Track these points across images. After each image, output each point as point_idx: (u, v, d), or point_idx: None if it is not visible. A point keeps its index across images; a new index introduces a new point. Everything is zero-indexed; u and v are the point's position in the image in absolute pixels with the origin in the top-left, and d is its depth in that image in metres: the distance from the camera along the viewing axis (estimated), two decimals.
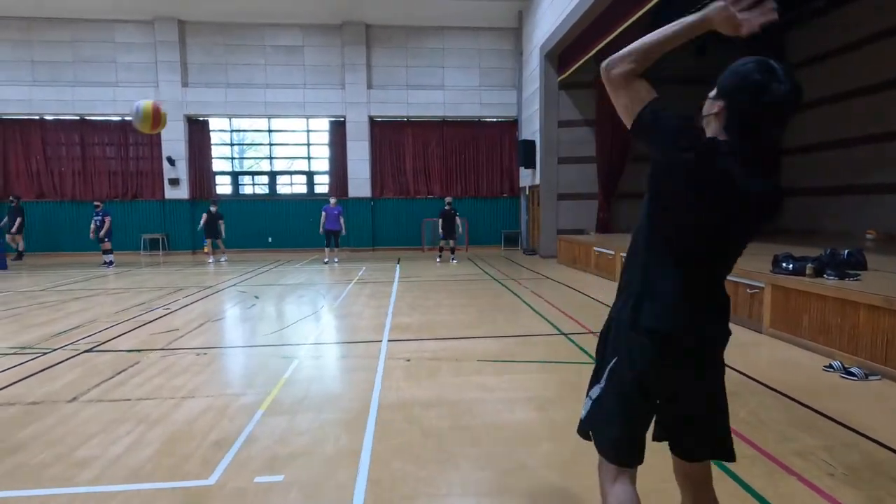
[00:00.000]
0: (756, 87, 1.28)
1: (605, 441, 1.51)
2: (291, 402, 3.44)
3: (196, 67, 14.97)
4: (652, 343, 1.38)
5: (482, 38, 15.56)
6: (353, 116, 15.31)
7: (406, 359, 4.38)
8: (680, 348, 1.38)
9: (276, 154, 16.14)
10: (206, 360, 4.44)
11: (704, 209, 1.35)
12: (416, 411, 3.26)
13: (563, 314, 6.14)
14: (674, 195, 1.42)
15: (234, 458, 2.68)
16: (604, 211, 12.44)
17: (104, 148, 15.06)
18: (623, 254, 8.50)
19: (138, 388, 3.75)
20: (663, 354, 1.38)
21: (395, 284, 8.73)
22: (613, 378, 1.47)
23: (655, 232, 1.46)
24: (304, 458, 2.66)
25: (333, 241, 12.12)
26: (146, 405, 3.41)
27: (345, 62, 15.17)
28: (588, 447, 2.76)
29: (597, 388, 1.53)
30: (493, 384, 3.75)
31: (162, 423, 3.12)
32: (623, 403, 1.45)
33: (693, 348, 1.40)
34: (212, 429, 3.03)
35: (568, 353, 4.56)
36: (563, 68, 12.01)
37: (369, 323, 5.80)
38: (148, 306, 6.93)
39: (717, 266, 1.45)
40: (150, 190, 15.24)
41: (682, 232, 1.41)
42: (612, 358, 1.48)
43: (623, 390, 1.44)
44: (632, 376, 1.42)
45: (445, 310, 6.50)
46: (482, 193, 15.99)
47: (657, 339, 1.37)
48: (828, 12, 10.67)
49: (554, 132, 12.58)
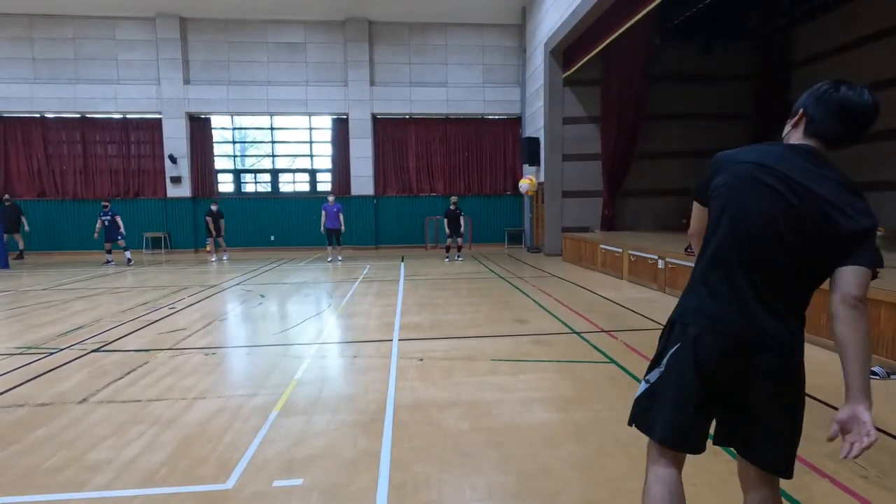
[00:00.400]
0: (825, 92, 1.42)
1: (651, 419, 1.53)
2: (305, 402, 3.38)
3: (198, 64, 14.88)
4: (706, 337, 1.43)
5: (486, 35, 15.48)
6: (356, 114, 15.23)
7: (419, 358, 4.32)
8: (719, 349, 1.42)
9: (279, 152, 16.06)
10: (215, 359, 4.38)
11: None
12: (434, 412, 3.20)
13: (574, 312, 6.08)
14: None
15: (250, 460, 2.62)
16: (609, 208, 12.38)
17: (105, 146, 14.97)
18: (631, 251, 8.44)
19: (148, 388, 3.68)
20: (715, 351, 1.42)
21: (400, 283, 8.67)
22: (673, 363, 1.49)
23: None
24: (323, 461, 2.60)
25: (335, 239, 12.05)
26: (157, 406, 3.35)
27: (348, 59, 15.08)
28: (614, 449, 2.71)
29: (655, 372, 1.55)
30: (509, 384, 3.69)
31: (175, 425, 3.05)
32: (675, 389, 1.48)
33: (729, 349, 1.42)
34: (226, 430, 2.97)
35: (583, 352, 4.50)
36: (568, 65, 11.92)
37: (378, 322, 5.74)
38: (152, 305, 6.86)
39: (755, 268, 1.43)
40: (151, 188, 15.16)
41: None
42: (674, 344, 1.50)
43: (678, 377, 1.47)
44: (689, 364, 1.45)
45: (454, 308, 6.44)
46: (486, 191, 15.92)
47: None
48: (833, 8, 10.58)
49: (558, 129, 12.50)
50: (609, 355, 4.34)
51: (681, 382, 1.46)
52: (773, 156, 1.42)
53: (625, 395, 3.44)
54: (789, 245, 1.36)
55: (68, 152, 14.86)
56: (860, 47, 9.98)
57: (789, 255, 1.36)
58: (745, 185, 1.41)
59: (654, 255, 7.68)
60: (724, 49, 12.39)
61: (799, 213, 1.33)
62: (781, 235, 1.36)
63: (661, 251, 7.52)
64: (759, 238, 1.38)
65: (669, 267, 7.20)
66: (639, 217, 12.81)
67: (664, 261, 7.35)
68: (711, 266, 1.46)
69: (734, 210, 1.42)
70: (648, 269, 7.83)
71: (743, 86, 12.79)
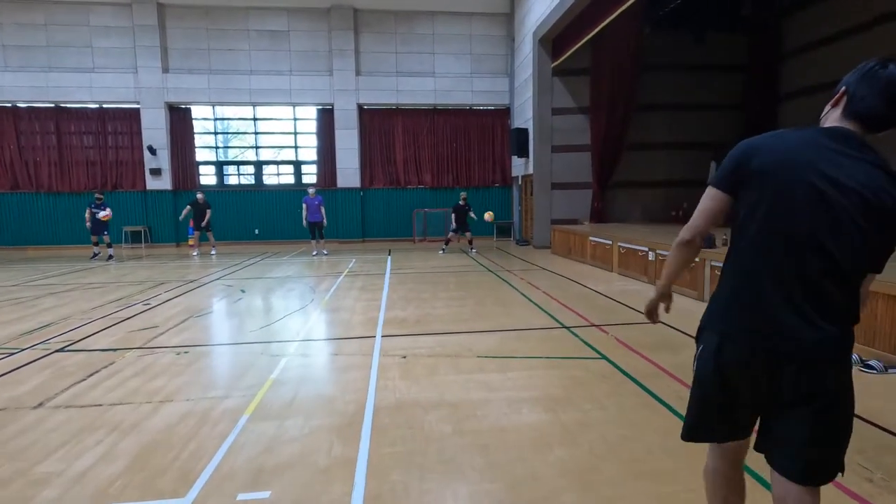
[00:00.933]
0: (871, 69, 1.32)
1: (686, 419, 1.59)
2: (279, 405, 3.18)
3: (177, 53, 14.41)
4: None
5: (474, 24, 15.19)
6: (342, 104, 14.89)
7: (402, 356, 4.13)
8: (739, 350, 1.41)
9: (262, 143, 15.67)
10: (186, 359, 4.15)
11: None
12: (416, 414, 3.02)
13: (563, 306, 5.93)
14: None
15: (214, 470, 2.42)
16: (598, 200, 12.24)
17: (81, 137, 14.46)
18: (621, 243, 8.32)
19: (111, 391, 3.45)
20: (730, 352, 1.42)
21: (386, 276, 8.46)
22: (699, 367, 1.51)
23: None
24: (294, 471, 2.41)
25: (318, 232, 11.76)
26: (119, 411, 3.12)
27: (332, 48, 14.71)
28: (605, 452, 2.55)
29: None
30: (496, 382, 3.52)
31: (136, 432, 2.83)
32: (698, 389, 1.51)
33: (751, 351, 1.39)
34: (191, 437, 2.76)
35: (572, 347, 4.35)
36: (557, 54, 11.72)
37: (362, 318, 5.53)
38: (127, 302, 6.58)
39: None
40: (130, 180, 14.70)
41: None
42: (699, 346, 1.53)
43: (700, 377, 1.51)
44: (712, 369, 1.45)
45: (441, 303, 6.26)
46: (474, 183, 15.70)
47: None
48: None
49: (548, 120, 12.31)
50: (600, 351, 4.19)
51: (703, 390, 1.49)
52: (807, 144, 1.31)
53: (615, 393, 3.30)
54: (826, 243, 1.25)
55: (42, 143, 14.32)
56: (851, 37, 9.89)
57: (827, 254, 1.27)
58: (779, 180, 1.30)
59: (644, 247, 7.56)
60: (715, 39, 12.27)
61: (835, 207, 1.25)
62: (817, 233, 1.27)
63: (651, 243, 7.40)
64: (795, 236, 1.29)
65: (660, 259, 7.08)
66: (629, 209, 12.70)
67: (655, 253, 7.23)
68: (739, 266, 1.41)
69: (765, 208, 1.32)
70: (639, 261, 7.71)
71: (734, 76, 12.68)
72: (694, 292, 6.26)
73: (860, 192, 1.23)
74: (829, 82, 7.22)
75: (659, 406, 3.09)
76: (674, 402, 3.13)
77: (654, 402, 3.15)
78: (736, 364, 1.38)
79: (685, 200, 12.70)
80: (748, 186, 1.35)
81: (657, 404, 3.12)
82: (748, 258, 1.36)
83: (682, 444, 2.57)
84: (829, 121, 1.39)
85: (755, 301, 1.34)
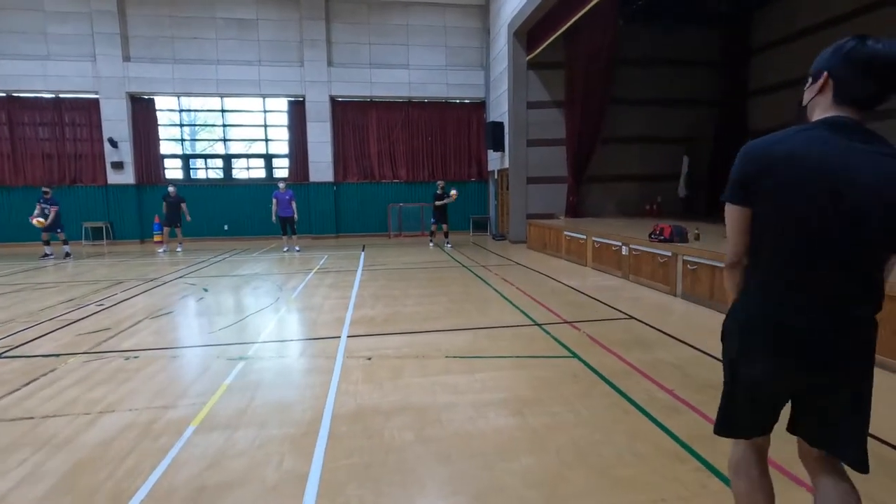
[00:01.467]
0: (852, 47, 1.27)
1: (724, 415, 1.57)
2: (231, 414, 2.97)
3: (139, 41, 13.77)
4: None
5: (449, 15, 14.96)
6: (313, 96, 14.50)
7: (367, 357, 3.95)
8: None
9: (232, 136, 15.16)
10: (136, 364, 3.88)
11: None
12: (377, 421, 2.84)
13: (536, 302, 5.83)
14: None
15: (150, 490, 2.20)
16: (573, 194, 12.21)
17: (36, 128, 13.72)
18: (595, 238, 8.27)
19: (47, 402, 3.18)
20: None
21: (358, 273, 8.24)
22: (743, 364, 1.49)
23: None
24: (239, 489, 2.21)
25: (289, 228, 11.43)
26: (53, 424, 2.86)
27: (303, 38, 14.29)
28: (574, 460, 2.43)
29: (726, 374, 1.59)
30: (462, 385, 3.37)
31: (68, 448, 2.59)
32: (744, 389, 1.50)
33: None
34: (129, 452, 2.53)
35: (543, 345, 4.23)
36: (532, 47, 11.61)
37: (328, 317, 5.32)
38: (79, 302, 6.21)
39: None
40: (90, 174, 14.03)
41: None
42: (740, 347, 1.50)
43: (747, 378, 1.49)
44: (761, 368, 1.44)
45: (412, 300, 6.08)
46: (449, 177, 15.48)
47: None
48: None
49: (523, 114, 12.21)
50: (571, 349, 4.08)
51: (751, 390, 1.46)
52: (814, 142, 1.27)
53: (586, 394, 3.19)
54: (848, 240, 1.26)
55: None
56: (822, 31, 10.02)
57: (851, 251, 1.27)
58: (792, 184, 1.28)
59: (618, 241, 7.52)
60: (689, 33, 12.34)
61: (853, 203, 1.24)
62: (838, 230, 1.26)
63: (625, 237, 7.36)
64: (816, 237, 1.28)
65: (633, 254, 7.05)
66: (604, 203, 12.73)
67: (628, 248, 7.19)
68: (766, 271, 1.38)
69: (782, 212, 1.31)
70: (612, 256, 7.68)
71: (707, 71, 12.79)
72: (667, 287, 6.24)
73: (875, 186, 1.22)
74: (797, 78, 7.25)
75: (630, 407, 2.99)
76: (645, 402, 3.04)
77: (624, 403, 3.05)
78: (772, 371, 1.39)
79: (659, 194, 12.81)
80: (760, 195, 1.33)
81: (628, 405, 3.02)
82: (774, 262, 1.36)
83: (651, 449, 2.50)
84: (818, 111, 1.36)
85: (787, 301, 1.34)
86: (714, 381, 3.34)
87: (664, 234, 6.57)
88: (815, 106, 1.37)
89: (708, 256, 5.49)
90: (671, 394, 3.16)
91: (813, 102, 1.37)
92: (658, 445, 2.53)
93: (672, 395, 3.14)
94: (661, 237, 6.59)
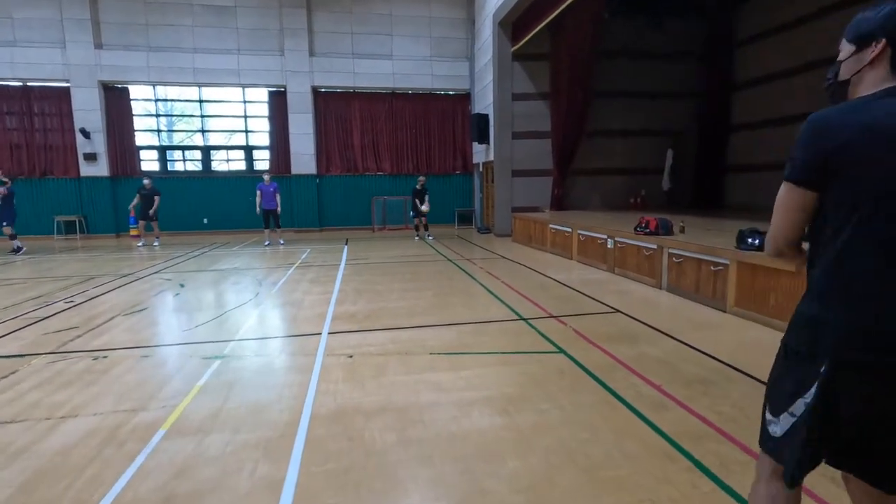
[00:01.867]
0: None
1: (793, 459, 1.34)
2: (203, 417, 2.82)
3: (111, 27, 13.27)
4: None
5: (433, 5, 14.72)
6: (295, 86, 14.18)
7: (348, 355, 3.83)
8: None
9: (211, 127, 14.77)
10: (104, 365, 3.70)
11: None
12: (357, 422, 2.73)
13: (522, 296, 5.76)
14: None
15: (114, 501, 2.06)
16: (559, 187, 12.17)
17: (3, 117, 13.17)
18: (580, 231, 8.23)
19: (5, 406, 2.99)
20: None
21: (341, 267, 8.08)
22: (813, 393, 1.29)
23: None
24: (209, 498, 2.09)
25: (273, 221, 11.19)
26: (10, 430, 2.69)
27: (284, 26, 13.94)
28: (562, 461, 2.35)
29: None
30: (447, 382, 3.27)
31: (25, 456, 2.43)
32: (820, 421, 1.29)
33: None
34: (92, 460, 2.38)
35: (529, 340, 4.16)
36: (517, 38, 11.48)
37: (309, 312, 5.17)
38: (47, 299, 5.95)
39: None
40: (62, 166, 13.55)
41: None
42: (809, 371, 1.29)
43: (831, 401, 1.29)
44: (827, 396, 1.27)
45: (395, 295, 5.96)
46: (434, 170, 15.36)
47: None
48: None
49: (508, 106, 12.09)
50: (558, 344, 4.01)
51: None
52: (893, 115, 1.07)
53: (573, 390, 3.12)
54: None
55: None
56: (807, 24, 10.04)
57: None
58: (877, 161, 1.08)
59: (603, 234, 7.49)
60: (673, 26, 12.33)
61: None
62: None
63: (610, 230, 7.33)
64: None
65: (619, 247, 7.02)
66: (589, 196, 12.71)
67: (614, 240, 7.16)
68: (853, 263, 1.15)
69: (870, 195, 1.10)
70: (598, 249, 7.64)
71: (692, 64, 12.80)
72: (652, 280, 6.22)
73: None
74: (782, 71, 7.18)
75: (617, 403, 2.93)
76: (632, 398, 2.98)
77: (612, 399, 2.98)
78: (858, 390, 1.18)
79: (643, 187, 12.85)
80: (841, 175, 1.12)
81: (615, 401, 2.96)
82: (862, 256, 1.13)
83: (639, 448, 2.44)
84: (866, 84, 1.16)
85: (877, 301, 1.12)
86: (701, 376, 3.30)
87: (650, 227, 6.54)
88: (861, 79, 1.18)
89: (693, 249, 5.47)
90: (659, 389, 3.11)
91: (859, 76, 1.18)
92: (647, 443, 2.47)
93: (659, 391, 3.08)
94: (647, 230, 6.57)
